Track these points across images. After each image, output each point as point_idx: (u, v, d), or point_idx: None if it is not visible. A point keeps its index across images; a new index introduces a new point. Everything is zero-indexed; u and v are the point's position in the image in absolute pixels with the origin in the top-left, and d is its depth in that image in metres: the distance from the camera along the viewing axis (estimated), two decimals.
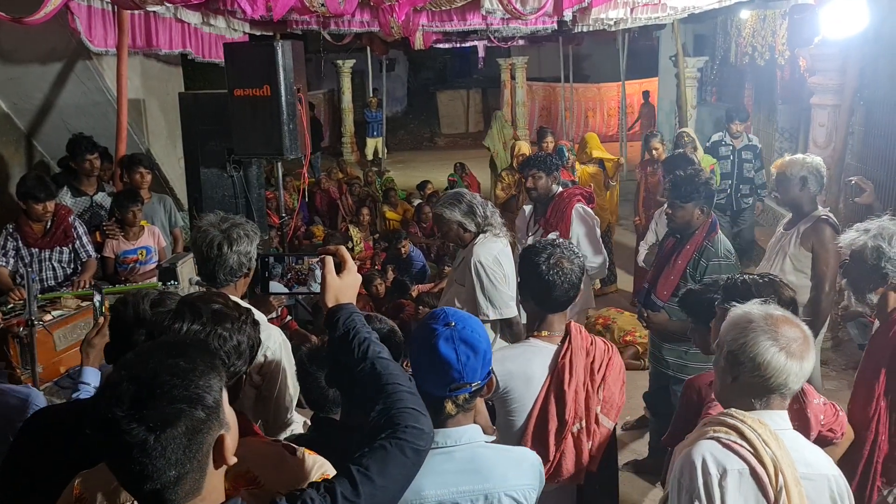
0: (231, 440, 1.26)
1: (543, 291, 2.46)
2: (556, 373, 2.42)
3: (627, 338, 5.86)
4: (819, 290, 3.88)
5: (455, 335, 1.75)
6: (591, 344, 2.51)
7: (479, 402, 1.90)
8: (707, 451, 1.73)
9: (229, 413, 1.28)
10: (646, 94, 16.26)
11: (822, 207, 4.11)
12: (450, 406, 1.77)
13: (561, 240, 2.61)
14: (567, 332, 2.49)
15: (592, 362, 2.47)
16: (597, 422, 2.47)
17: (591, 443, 2.45)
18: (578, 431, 2.42)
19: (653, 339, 4.04)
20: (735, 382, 1.80)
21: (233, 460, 1.26)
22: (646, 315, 3.85)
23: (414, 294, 6.69)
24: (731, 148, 6.90)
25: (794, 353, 1.73)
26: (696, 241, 3.73)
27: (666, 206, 3.94)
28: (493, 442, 2.08)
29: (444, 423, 1.78)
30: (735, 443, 1.73)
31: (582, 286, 4.35)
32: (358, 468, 1.38)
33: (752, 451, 1.71)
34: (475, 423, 1.86)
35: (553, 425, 2.39)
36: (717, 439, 1.75)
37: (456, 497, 1.73)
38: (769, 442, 1.71)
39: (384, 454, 1.41)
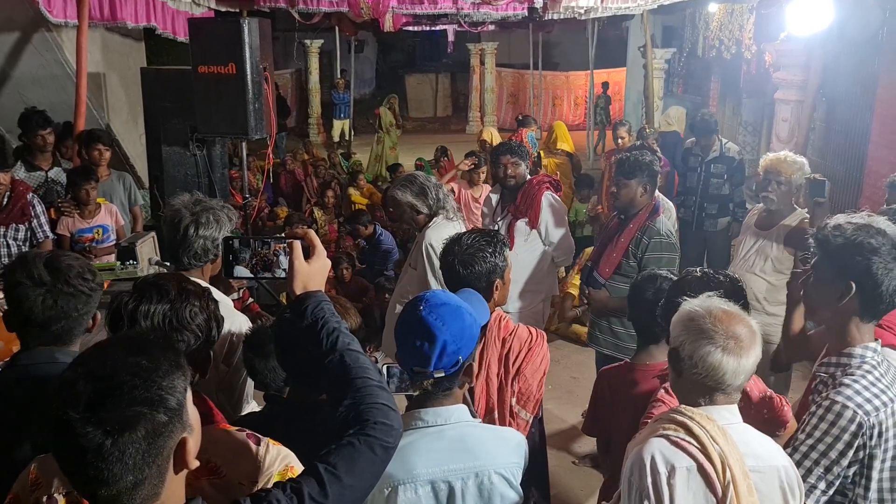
0: (194, 443, 1.18)
1: (453, 282, 2.46)
2: None
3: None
4: None
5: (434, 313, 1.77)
6: (511, 333, 2.47)
7: (460, 391, 1.89)
8: (656, 450, 1.74)
9: (193, 414, 1.20)
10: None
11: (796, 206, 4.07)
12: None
13: (474, 233, 2.53)
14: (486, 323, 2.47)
15: (508, 352, 2.43)
16: (513, 415, 2.42)
17: None
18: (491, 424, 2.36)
19: (592, 319, 4.04)
20: (680, 378, 1.83)
21: (195, 464, 1.19)
22: (587, 292, 3.89)
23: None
24: (699, 159, 6.02)
25: (730, 351, 1.73)
26: (640, 221, 3.76)
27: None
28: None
29: (433, 402, 1.80)
30: (683, 440, 1.73)
31: (546, 273, 4.47)
32: (325, 466, 1.32)
33: (699, 447, 1.71)
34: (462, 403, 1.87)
35: None
36: (667, 437, 1.75)
37: (447, 475, 1.75)
38: (717, 437, 1.71)
39: (352, 451, 1.35)
